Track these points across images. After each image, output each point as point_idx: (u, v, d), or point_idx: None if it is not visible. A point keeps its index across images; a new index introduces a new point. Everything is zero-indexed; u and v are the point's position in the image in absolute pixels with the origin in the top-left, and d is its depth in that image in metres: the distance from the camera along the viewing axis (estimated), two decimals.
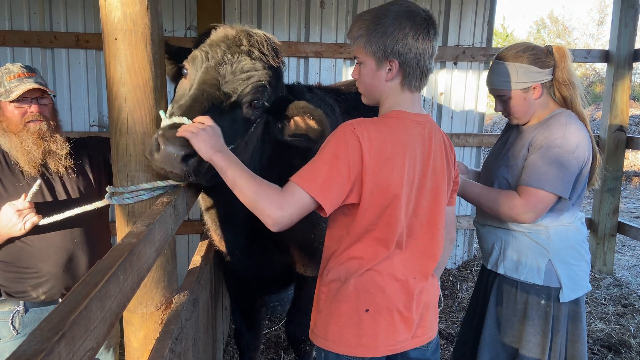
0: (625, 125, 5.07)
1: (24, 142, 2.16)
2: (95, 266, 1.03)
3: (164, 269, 1.78)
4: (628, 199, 8.90)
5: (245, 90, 1.86)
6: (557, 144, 2.02)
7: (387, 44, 1.57)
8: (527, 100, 2.14)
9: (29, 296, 2.26)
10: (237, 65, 1.87)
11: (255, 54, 1.92)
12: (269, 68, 1.95)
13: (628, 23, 4.93)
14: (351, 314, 1.64)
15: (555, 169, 2.00)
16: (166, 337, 1.65)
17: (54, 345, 0.75)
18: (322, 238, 2.60)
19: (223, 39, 1.93)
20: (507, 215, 2.10)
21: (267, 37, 1.98)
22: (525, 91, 2.13)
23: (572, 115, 2.14)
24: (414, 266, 1.70)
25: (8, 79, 2.17)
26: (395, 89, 1.65)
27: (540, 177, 2.01)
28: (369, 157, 1.54)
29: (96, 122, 4.55)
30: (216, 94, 1.80)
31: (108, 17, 1.56)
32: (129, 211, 1.67)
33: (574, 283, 2.19)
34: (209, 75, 1.84)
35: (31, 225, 2.08)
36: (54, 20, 4.38)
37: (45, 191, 2.27)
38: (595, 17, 24.68)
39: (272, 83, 1.96)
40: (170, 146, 1.54)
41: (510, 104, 2.17)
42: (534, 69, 2.09)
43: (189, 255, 4.82)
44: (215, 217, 2.45)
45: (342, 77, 4.80)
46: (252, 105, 1.91)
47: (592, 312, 4.30)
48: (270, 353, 3.60)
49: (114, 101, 1.62)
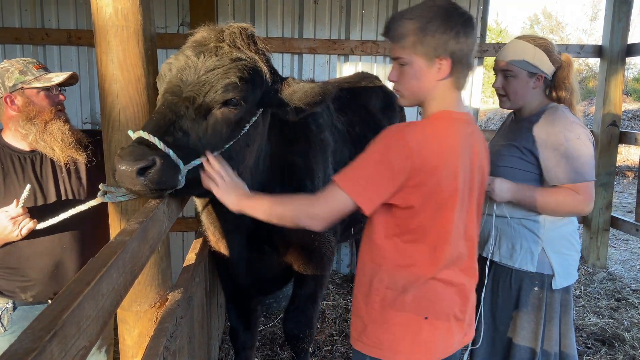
0: (618, 120, 5.09)
1: (61, 128, 2.15)
2: (87, 264, 1.02)
3: (158, 266, 1.77)
4: (621, 193, 8.95)
5: (210, 90, 1.72)
6: (574, 137, 2.10)
7: (440, 42, 1.53)
8: (527, 85, 2.21)
9: (18, 296, 2.23)
10: (201, 67, 1.75)
11: (224, 49, 1.80)
12: (243, 60, 1.82)
13: (621, 18, 4.94)
14: (409, 323, 1.61)
15: (585, 159, 2.11)
16: (161, 335, 1.65)
17: (45, 344, 0.75)
18: (322, 238, 2.61)
19: (191, 44, 1.84)
20: (572, 213, 2.19)
21: (241, 27, 1.87)
22: (531, 76, 2.21)
23: (567, 109, 2.24)
24: (467, 268, 1.69)
25: (34, 67, 2.18)
26: (444, 88, 1.61)
27: (580, 170, 2.10)
28: (420, 161, 1.49)
29: (89, 119, 4.52)
30: (177, 102, 1.67)
31: (99, 14, 1.55)
32: (122, 209, 1.66)
33: (566, 271, 2.26)
34: (171, 83, 1.73)
35: (27, 231, 2.03)
36: (45, 17, 4.35)
37: (47, 191, 2.23)
38: (588, 13, 24.79)
39: (247, 76, 1.80)
40: (122, 164, 1.47)
41: (512, 83, 2.23)
42: (547, 60, 2.19)
43: (183, 253, 4.80)
44: (213, 219, 2.41)
45: (337, 73, 4.79)
46: (228, 104, 1.76)
47: (586, 306, 4.32)
48: (265, 350, 3.60)
49: (106, 98, 1.61)
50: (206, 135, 1.70)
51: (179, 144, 1.61)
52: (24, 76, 2.14)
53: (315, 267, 2.66)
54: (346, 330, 3.87)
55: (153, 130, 1.56)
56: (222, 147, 1.76)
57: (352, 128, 3.08)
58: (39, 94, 2.17)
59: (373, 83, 3.87)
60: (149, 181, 1.49)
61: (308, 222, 1.57)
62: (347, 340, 3.74)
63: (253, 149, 2.00)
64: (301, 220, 1.58)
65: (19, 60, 2.20)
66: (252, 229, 2.39)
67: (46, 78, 2.16)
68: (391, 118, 3.69)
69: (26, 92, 2.15)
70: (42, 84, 2.15)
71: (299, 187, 2.47)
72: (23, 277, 2.20)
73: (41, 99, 2.17)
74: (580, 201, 2.12)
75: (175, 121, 1.63)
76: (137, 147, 1.50)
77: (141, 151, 1.49)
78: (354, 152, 3.00)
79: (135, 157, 1.47)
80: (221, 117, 1.75)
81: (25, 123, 2.13)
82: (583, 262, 5.28)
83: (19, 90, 2.14)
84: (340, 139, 2.89)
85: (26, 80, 2.14)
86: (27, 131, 2.13)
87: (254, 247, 2.48)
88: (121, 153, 1.49)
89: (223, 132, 1.76)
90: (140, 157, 1.47)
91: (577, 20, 31.54)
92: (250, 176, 2.17)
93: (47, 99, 2.18)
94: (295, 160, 2.47)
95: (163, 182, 1.53)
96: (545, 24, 25.65)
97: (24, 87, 2.14)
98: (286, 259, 2.60)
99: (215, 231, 2.46)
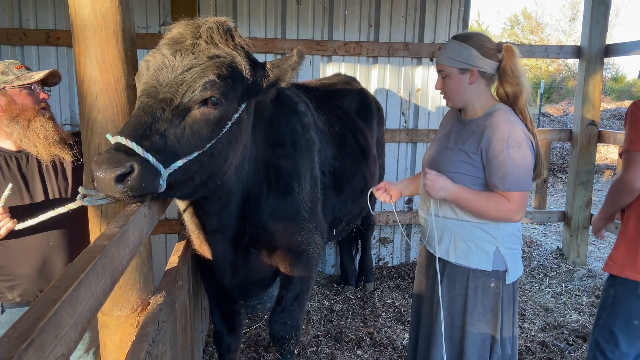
0: (597, 120, 5.17)
1: (44, 126, 2.16)
2: (65, 270, 1.00)
3: (140, 270, 1.75)
4: (600, 191, 9.10)
5: (187, 90, 1.69)
6: (514, 144, 2.12)
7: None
8: (461, 82, 2.22)
9: (5, 297, 2.23)
10: (177, 66, 1.72)
11: (201, 46, 1.77)
12: (221, 57, 1.79)
13: (599, 19, 5.02)
14: None
15: (523, 169, 2.15)
16: (142, 340, 1.63)
17: (21, 354, 0.73)
18: (309, 239, 2.61)
19: (167, 41, 1.81)
20: (502, 220, 2.23)
21: (218, 22, 1.84)
22: (462, 72, 2.21)
23: (511, 111, 2.23)
24: None
25: (16, 67, 2.19)
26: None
27: (516, 180, 2.14)
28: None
29: (68, 121, 4.45)
30: (153, 104, 1.64)
31: (77, 14, 1.53)
32: (102, 212, 1.64)
33: (516, 265, 2.34)
34: (147, 85, 1.70)
35: (6, 231, 2.02)
36: (23, 17, 4.26)
37: (32, 190, 2.24)
38: (567, 14, 25.14)
39: (226, 72, 1.78)
40: (100, 171, 1.44)
41: (447, 82, 2.25)
42: (476, 53, 2.18)
43: (166, 256, 4.75)
44: (197, 222, 2.38)
45: (320, 73, 4.79)
46: (208, 102, 1.73)
47: (567, 303, 4.39)
48: (250, 352, 3.58)
49: (85, 99, 1.59)
50: (185, 136, 1.68)
51: (158, 147, 1.58)
52: (6, 76, 2.16)
53: (302, 269, 2.66)
54: (331, 330, 3.87)
55: (130, 135, 1.53)
56: (203, 146, 1.73)
57: (331, 127, 3.09)
58: (21, 92, 2.18)
59: (351, 85, 3.89)
60: (128, 188, 1.47)
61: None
62: (331, 341, 3.74)
63: (237, 146, 1.98)
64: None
65: (1, 62, 2.21)
66: (236, 232, 2.38)
67: (27, 76, 2.18)
68: (367, 119, 3.71)
69: (8, 91, 2.17)
70: (22, 82, 2.16)
71: (285, 189, 2.46)
72: (9, 276, 2.20)
73: (23, 97, 2.18)
74: (510, 209, 2.17)
75: (152, 124, 1.60)
76: (114, 154, 1.47)
77: (118, 158, 1.46)
78: (335, 150, 3.01)
79: (112, 165, 1.44)
80: (200, 117, 1.72)
81: (9, 122, 2.14)
82: (564, 260, 5.36)
83: (1, 91, 2.16)
84: (323, 137, 2.90)
85: (8, 80, 2.15)
86: (11, 130, 2.15)
87: (239, 250, 2.46)
88: (98, 160, 1.46)
89: (203, 131, 1.74)
90: (118, 164, 1.44)
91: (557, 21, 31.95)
92: (235, 176, 2.15)
93: (29, 97, 2.19)
94: (281, 163, 2.46)
95: (143, 188, 1.51)
96: (526, 25, 25.99)
97: (6, 87, 2.15)
98: (272, 260, 2.59)
99: (200, 234, 2.43)
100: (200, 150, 1.72)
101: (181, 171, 1.67)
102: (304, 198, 2.55)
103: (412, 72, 4.96)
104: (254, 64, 1.99)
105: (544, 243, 6.01)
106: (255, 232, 2.42)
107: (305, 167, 2.59)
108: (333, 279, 4.89)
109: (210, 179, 1.89)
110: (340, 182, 3.04)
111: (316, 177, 2.71)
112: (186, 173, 1.71)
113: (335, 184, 3.00)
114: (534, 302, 4.41)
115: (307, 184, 2.59)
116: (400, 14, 4.84)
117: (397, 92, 4.97)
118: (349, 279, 4.66)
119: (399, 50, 4.81)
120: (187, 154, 1.68)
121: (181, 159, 1.65)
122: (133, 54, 1.69)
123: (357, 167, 3.25)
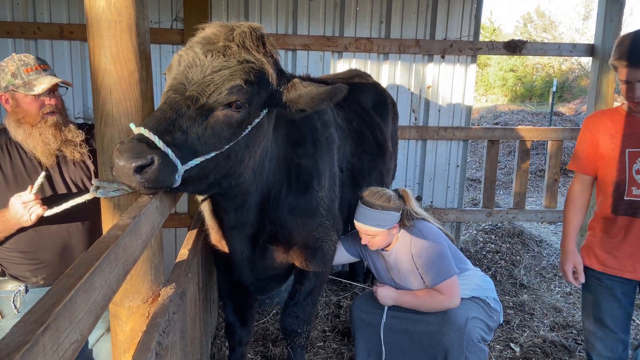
0: None
1: (43, 134, 2.19)
2: (79, 259, 1.02)
3: (151, 262, 1.77)
4: None
5: (214, 91, 1.72)
6: (432, 244, 2.75)
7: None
8: (389, 234, 2.80)
9: (29, 280, 2.32)
10: (208, 66, 1.74)
11: (233, 49, 1.79)
12: (250, 62, 1.82)
13: (613, 17, 4.97)
14: None
15: (443, 261, 2.74)
16: (153, 330, 1.65)
17: (38, 337, 0.75)
18: (326, 236, 2.63)
19: (201, 39, 1.83)
20: (441, 309, 2.75)
21: (251, 27, 1.86)
22: (390, 229, 2.78)
23: (420, 221, 2.87)
24: None
25: (26, 71, 2.18)
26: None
27: (439, 272, 2.72)
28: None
29: (81, 115, 4.49)
30: (180, 100, 1.68)
31: (92, 8, 1.54)
32: (114, 204, 1.66)
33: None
34: (176, 80, 1.74)
35: (36, 217, 2.08)
36: (37, 11, 4.31)
37: (55, 181, 2.30)
38: (581, 12, 24.92)
39: (253, 78, 1.80)
40: (121, 159, 1.47)
41: (375, 239, 2.79)
42: (397, 215, 2.75)
43: (176, 249, 4.80)
44: (215, 218, 2.41)
45: (330, 70, 4.79)
46: (232, 106, 1.75)
47: (576, 303, 4.36)
48: (258, 345, 3.60)
49: (98, 93, 1.61)
50: (206, 136, 1.70)
51: (179, 143, 1.61)
52: (14, 79, 2.17)
53: (318, 264, 2.69)
54: (338, 326, 3.88)
55: (154, 128, 1.56)
56: (221, 147, 1.76)
57: (350, 123, 3.10)
58: (26, 98, 2.19)
59: (366, 80, 3.88)
60: (145, 180, 1.50)
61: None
62: (339, 336, 3.76)
63: (254, 150, 1.98)
64: None
65: (16, 59, 2.21)
66: (254, 229, 2.40)
67: (31, 85, 2.17)
68: (383, 115, 3.71)
69: (15, 94, 2.19)
70: (25, 91, 2.16)
71: (305, 187, 2.48)
72: (34, 260, 2.29)
73: (28, 103, 2.20)
74: (442, 300, 2.71)
75: (176, 120, 1.63)
76: (137, 144, 1.50)
77: (141, 148, 1.49)
78: (353, 147, 3.02)
79: (133, 155, 1.46)
80: (223, 119, 1.75)
81: (15, 124, 2.21)
82: None
83: (10, 92, 2.19)
84: (342, 134, 2.91)
85: (15, 84, 2.17)
86: (15, 133, 2.21)
87: (257, 246, 2.48)
88: (120, 148, 1.49)
89: (223, 133, 1.76)
90: (139, 155, 1.47)
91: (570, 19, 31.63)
92: (253, 177, 2.15)
93: (34, 103, 2.20)
94: (302, 161, 2.47)
95: (159, 181, 1.54)
96: (539, 23, 25.76)
97: (13, 90, 2.18)
98: (289, 256, 2.62)
99: (218, 229, 2.46)
100: (218, 150, 1.74)
101: (197, 169, 1.69)
102: (322, 196, 2.57)
103: (423, 69, 4.94)
104: (280, 73, 1.99)
105: (554, 242, 5.97)
106: (273, 229, 2.44)
107: (325, 165, 2.60)
108: (341, 275, 4.90)
109: (224, 179, 1.91)
110: (357, 179, 3.05)
111: (335, 175, 2.73)
112: (201, 171, 1.73)
113: (352, 181, 3.01)
114: (543, 302, 4.39)
115: (327, 182, 2.60)
116: (412, 11, 4.82)
117: (407, 88, 4.96)
118: (357, 275, 4.67)
119: (410, 47, 4.80)
120: (205, 153, 1.70)
121: (199, 157, 1.67)
122: (146, 48, 1.71)
123: (374, 163, 3.26)
